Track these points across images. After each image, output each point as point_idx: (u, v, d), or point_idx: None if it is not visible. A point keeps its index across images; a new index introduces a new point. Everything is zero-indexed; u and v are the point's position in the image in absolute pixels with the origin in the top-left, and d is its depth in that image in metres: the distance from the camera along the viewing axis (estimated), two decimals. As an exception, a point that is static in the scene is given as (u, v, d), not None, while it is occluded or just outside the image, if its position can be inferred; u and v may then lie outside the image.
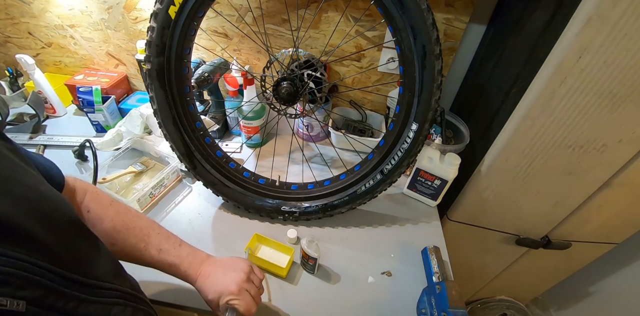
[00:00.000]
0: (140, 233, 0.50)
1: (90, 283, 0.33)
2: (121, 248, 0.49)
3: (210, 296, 0.50)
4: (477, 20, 0.84)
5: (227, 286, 0.50)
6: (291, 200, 0.76)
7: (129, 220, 0.50)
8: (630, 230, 0.84)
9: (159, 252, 0.50)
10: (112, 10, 0.94)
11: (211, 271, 0.52)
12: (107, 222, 0.48)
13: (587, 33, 0.50)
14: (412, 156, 0.67)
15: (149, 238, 0.51)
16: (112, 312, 0.35)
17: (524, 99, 0.62)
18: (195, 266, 0.52)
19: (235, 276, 0.51)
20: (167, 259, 0.51)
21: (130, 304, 0.39)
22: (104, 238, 0.45)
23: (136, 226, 0.50)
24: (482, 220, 0.88)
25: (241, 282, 0.51)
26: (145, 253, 0.50)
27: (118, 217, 0.49)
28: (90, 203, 0.47)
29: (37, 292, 0.27)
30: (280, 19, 0.88)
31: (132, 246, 0.49)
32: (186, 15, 0.62)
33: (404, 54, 0.60)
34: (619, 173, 0.68)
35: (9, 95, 1.04)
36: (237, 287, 0.50)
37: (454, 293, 0.57)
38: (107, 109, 0.95)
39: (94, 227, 0.47)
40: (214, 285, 0.50)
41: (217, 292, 0.50)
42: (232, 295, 0.49)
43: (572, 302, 1.18)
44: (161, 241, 0.51)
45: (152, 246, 0.50)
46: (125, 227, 0.49)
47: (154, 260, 0.50)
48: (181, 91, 0.69)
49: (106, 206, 0.49)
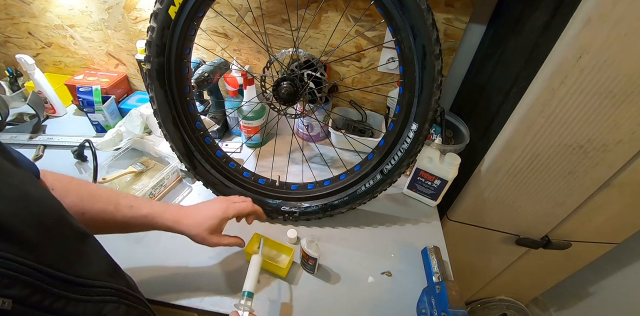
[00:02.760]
0: (107, 198, 0.51)
1: (79, 282, 0.33)
2: (92, 216, 0.49)
3: (204, 225, 0.51)
4: (477, 20, 0.84)
5: (212, 210, 0.52)
6: (291, 200, 0.76)
7: (94, 189, 0.51)
8: (630, 230, 0.84)
9: (130, 209, 0.51)
10: (112, 10, 0.94)
11: (191, 210, 0.53)
12: (72, 194, 0.48)
13: (587, 33, 0.50)
14: (412, 156, 0.67)
15: (118, 200, 0.51)
16: (103, 310, 0.35)
17: (524, 99, 0.62)
18: (171, 212, 0.52)
19: (215, 200, 0.53)
20: (140, 212, 0.51)
21: (124, 302, 0.38)
22: (72, 210, 0.45)
23: (102, 193, 0.51)
24: (482, 220, 0.88)
25: (223, 201, 0.52)
26: (117, 214, 0.50)
27: (81, 188, 0.50)
28: (53, 182, 0.48)
29: (24, 291, 0.27)
30: (280, 19, 0.88)
31: (102, 211, 0.50)
32: (186, 15, 0.62)
33: (404, 54, 0.60)
34: (619, 173, 0.68)
35: (9, 95, 1.04)
36: (224, 202, 0.52)
37: (454, 293, 0.57)
38: (107, 109, 0.95)
39: (62, 202, 0.48)
40: (200, 215, 0.51)
41: (206, 217, 0.51)
42: (224, 208, 0.51)
43: (572, 302, 1.18)
44: (130, 200, 0.52)
45: (122, 206, 0.51)
46: (91, 195, 0.50)
47: (127, 217, 0.51)
48: (181, 91, 0.69)
49: (67, 181, 0.50)
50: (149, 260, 0.67)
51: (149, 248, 0.69)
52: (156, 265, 0.66)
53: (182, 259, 0.67)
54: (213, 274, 0.65)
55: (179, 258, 0.67)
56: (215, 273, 0.65)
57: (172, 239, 0.70)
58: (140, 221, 0.52)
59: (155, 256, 0.67)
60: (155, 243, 0.70)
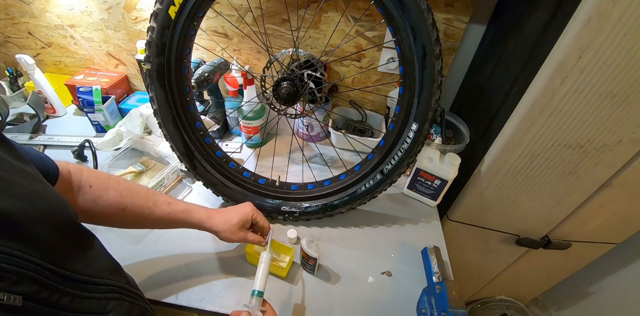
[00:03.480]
0: (145, 195, 0.54)
1: (84, 280, 0.34)
2: (132, 211, 0.52)
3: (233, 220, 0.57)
4: (477, 20, 0.84)
5: (242, 209, 0.59)
6: (291, 200, 0.76)
7: (131, 186, 0.54)
8: (630, 230, 0.84)
9: (168, 205, 0.55)
10: (112, 10, 0.94)
11: (220, 209, 0.60)
12: (112, 191, 0.51)
13: (587, 33, 0.50)
14: (412, 156, 0.67)
15: (155, 197, 0.55)
16: (108, 307, 0.36)
17: (524, 99, 0.62)
18: (205, 209, 0.59)
19: (245, 204, 0.62)
20: (178, 207, 0.56)
21: (126, 299, 0.39)
22: (113, 206, 0.50)
23: (140, 190, 0.54)
24: (482, 220, 0.88)
25: (252, 206, 0.61)
26: (156, 210, 0.54)
27: (120, 185, 0.52)
28: (89, 179, 0.49)
29: (32, 287, 0.28)
30: (280, 19, 0.88)
31: (142, 206, 0.53)
32: (186, 16, 0.62)
33: (404, 54, 0.60)
34: (619, 173, 0.68)
35: (9, 95, 1.04)
36: (253, 206, 0.61)
37: (454, 293, 0.57)
38: (107, 109, 0.96)
39: (101, 198, 0.49)
40: (229, 213, 0.58)
41: (235, 214, 0.58)
42: (253, 211, 0.60)
43: (572, 302, 1.18)
44: (167, 198, 0.57)
45: (161, 202, 0.55)
46: (131, 191, 0.52)
47: (165, 212, 0.55)
48: (181, 91, 0.69)
49: (106, 178, 0.52)
50: (149, 260, 0.67)
51: (149, 248, 0.69)
52: (156, 265, 0.66)
53: (182, 259, 0.67)
54: (213, 274, 0.65)
55: (179, 258, 0.67)
56: (215, 273, 0.65)
57: (172, 239, 0.71)
58: (177, 216, 0.56)
59: (156, 256, 0.67)
60: (156, 243, 0.70)
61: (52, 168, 0.44)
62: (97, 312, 0.35)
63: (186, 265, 0.66)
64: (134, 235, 0.71)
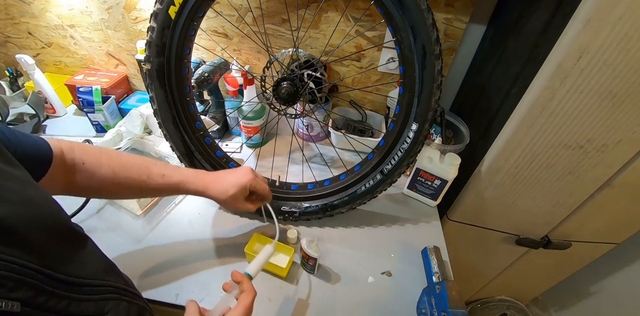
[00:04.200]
0: (139, 168, 0.53)
1: (80, 282, 0.34)
2: (126, 185, 0.52)
3: (229, 191, 0.55)
4: (477, 20, 0.84)
5: (241, 178, 0.56)
6: (291, 200, 0.76)
7: (124, 160, 0.53)
8: (630, 230, 0.84)
9: (162, 177, 0.54)
10: (112, 10, 0.94)
11: (218, 176, 0.57)
12: (105, 167, 0.50)
13: (587, 33, 0.50)
14: (412, 156, 0.67)
15: (149, 169, 0.54)
16: (106, 308, 0.36)
17: (524, 99, 0.62)
18: (201, 179, 0.57)
19: (244, 171, 0.58)
20: (173, 180, 0.55)
21: (124, 298, 0.39)
22: (107, 181, 0.49)
23: (134, 163, 0.53)
24: (482, 220, 0.88)
25: (251, 173, 0.57)
26: (150, 182, 0.53)
27: (113, 161, 0.52)
28: (82, 156, 0.49)
29: (29, 293, 0.28)
30: (280, 19, 0.88)
31: (136, 180, 0.52)
32: (186, 16, 0.62)
33: (404, 54, 0.60)
34: (619, 173, 0.68)
35: (9, 95, 1.04)
36: (252, 174, 0.57)
37: (454, 293, 0.57)
38: (107, 109, 0.95)
39: (95, 175, 0.49)
40: (226, 182, 0.56)
41: (232, 185, 0.55)
42: (250, 180, 0.56)
43: (572, 302, 1.18)
44: (161, 169, 0.55)
45: (155, 175, 0.54)
46: (123, 166, 0.52)
47: (160, 185, 0.54)
48: (181, 91, 0.69)
49: (98, 154, 0.51)
50: (149, 260, 0.67)
51: (149, 248, 0.69)
52: (156, 265, 0.66)
53: (182, 259, 0.67)
54: (213, 274, 0.65)
55: (179, 258, 0.67)
56: (215, 273, 0.65)
57: (172, 239, 0.71)
58: (172, 188, 0.55)
59: (156, 256, 0.67)
60: (155, 243, 0.70)
61: (46, 152, 0.44)
62: (95, 314, 0.35)
63: (186, 265, 0.66)
64: (134, 235, 0.71)
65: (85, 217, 0.73)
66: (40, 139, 0.44)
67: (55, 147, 0.46)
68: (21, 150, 0.39)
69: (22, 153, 0.39)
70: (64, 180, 0.48)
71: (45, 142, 0.44)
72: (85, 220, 0.73)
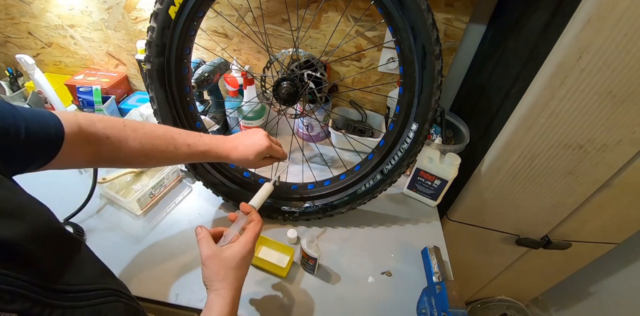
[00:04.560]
0: (165, 139, 0.55)
1: (75, 289, 0.34)
2: (154, 156, 0.54)
3: (250, 157, 0.60)
4: (477, 20, 0.84)
5: (258, 145, 0.61)
6: (291, 200, 0.76)
7: (148, 131, 0.53)
8: (630, 230, 0.84)
9: (188, 147, 0.57)
10: (112, 10, 0.94)
11: (238, 142, 0.61)
12: (131, 140, 0.51)
13: (587, 33, 0.50)
14: (412, 156, 0.67)
15: (175, 140, 0.56)
16: (102, 312, 0.36)
17: (524, 99, 0.62)
18: (223, 146, 0.60)
19: (259, 136, 0.62)
20: (199, 149, 0.58)
21: (121, 300, 0.39)
22: (135, 154, 0.51)
23: (158, 135, 0.54)
24: (482, 220, 0.88)
25: (266, 139, 0.62)
26: (178, 153, 0.56)
27: (138, 133, 0.52)
28: (106, 130, 0.48)
29: (25, 305, 0.28)
30: (280, 19, 0.88)
31: (164, 151, 0.54)
32: (186, 16, 0.62)
33: (404, 54, 0.60)
34: (619, 173, 0.68)
35: (9, 95, 1.04)
36: (268, 141, 0.62)
37: (454, 293, 0.57)
38: (107, 109, 0.96)
39: (121, 148, 0.50)
40: (246, 150, 0.60)
41: (252, 152, 0.60)
42: (267, 147, 0.61)
43: (572, 302, 1.18)
44: (186, 138, 0.57)
45: (181, 145, 0.56)
46: (149, 138, 0.53)
47: (187, 155, 0.57)
48: (181, 91, 0.69)
49: (122, 127, 0.51)
50: (149, 259, 0.67)
51: (149, 248, 0.69)
52: (156, 265, 0.66)
53: (182, 259, 0.67)
54: (213, 274, 0.65)
55: (179, 258, 0.67)
56: (215, 273, 0.65)
57: (172, 238, 0.71)
58: (199, 156, 0.59)
59: (155, 256, 0.67)
60: (155, 243, 0.70)
61: (55, 131, 0.41)
62: None
63: (186, 264, 0.66)
64: (134, 235, 0.71)
65: (85, 217, 0.73)
66: (51, 115, 0.42)
67: (70, 122, 0.43)
68: (27, 129, 0.37)
69: (27, 132, 0.37)
70: (89, 154, 0.47)
71: (54, 118, 0.42)
72: (85, 220, 0.73)
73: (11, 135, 0.36)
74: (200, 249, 0.49)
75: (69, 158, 0.44)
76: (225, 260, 0.48)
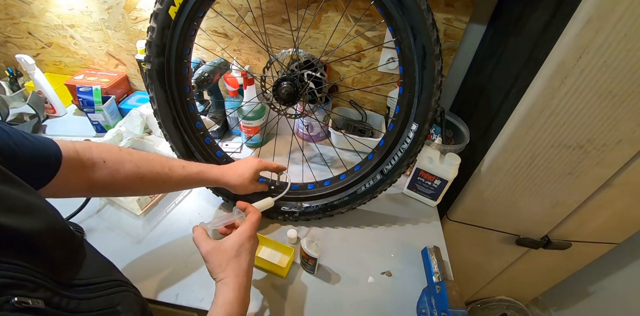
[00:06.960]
0: (160, 161, 0.56)
1: (84, 283, 0.36)
2: (150, 179, 0.54)
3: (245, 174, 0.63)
4: (477, 20, 0.84)
5: (250, 163, 0.64)
6: (291, 200, 0.76)
7: (143, 154, 0.55)
8: (630, 230, 0.84)
9: (183, 168, 0.58)
10: (112, 10, 0.94)
11: (232, 165, 0.65)
12: (127, 162, 0.52)
13: (587, 33, 0.50)
14: (412, 156, 0.67)
15: (169, 162, 0.57)
16: (115, 300, 0.38)
17: (524, 99, 0.62)
18: (218, 168, 0.62)
19: (249, 158, 0.67)
20: (193, 170, 0.59)
21: (130, 289, 0.41)
22: (131, 177, 0.51)
23: (153, 157, 0.56)
24: (482, 220, 0.88)
25: (256, 158, 0.66)
26: (173, 175, 0.57)
27: (133, 156, 0.53)
28: (102, 154, 0.50)
29: (47, 293, 0.30)
30: (280, 19, 0.88)
31: (159, 173, 0.55)
32: (186, 16, 0.62)
33: (404, 54, 0.60)
34: (619, 173, 0.68)
35: (9, 95, 1.04)
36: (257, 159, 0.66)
37: (454, 293, 0.57)
38: (107, 109, 0.96)
39: (118, 171, 0.51)
40: (240, 168, 0.63)
41: (246, 169, 0.63)
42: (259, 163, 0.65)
43: (572, 302, 1.18)
44: (179, 161, 0.59)
45: (175, 166, 0.58)
46: (145, 160, 0.54)
47: (182, 176, 0.58)
48: (181, 91, 0.69)
49: (117, 151, 0.52)
50: (149, 259, 0.67)
51: (149, 248, 0.69)
52: (156, 265, 0.66)
53: (182, 259, 0.67)
54: (213, 274, 0.65)
55: (179, 257, 0.67)
56: (215, 273, 0.65)
57: (171, 239, 0.71)
58: (193, 178, 0.59)
59: (156, 256, 0.67)
60: (156, 243, 0.70)
61: (53, 153, 0.43)
62: (107, 307, 0.36)
63: (186, 264, 0.66)
64: (134, 235, 0.71)
65: (85, 217, 0.73)
66: (49, 140, 0.44)
67: (67, 148, 0.45)
68: (27, 151, 0.39)
69: (28, 154, 0.39)
70: (84, 180, 0.48)
71: (53, 144, 0.44)
72: (85, 220, 0.73)
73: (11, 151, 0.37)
74: (198, 247, 0.50)
75: (64, 184, 0.44)
76: (225, 251, 0.49)
